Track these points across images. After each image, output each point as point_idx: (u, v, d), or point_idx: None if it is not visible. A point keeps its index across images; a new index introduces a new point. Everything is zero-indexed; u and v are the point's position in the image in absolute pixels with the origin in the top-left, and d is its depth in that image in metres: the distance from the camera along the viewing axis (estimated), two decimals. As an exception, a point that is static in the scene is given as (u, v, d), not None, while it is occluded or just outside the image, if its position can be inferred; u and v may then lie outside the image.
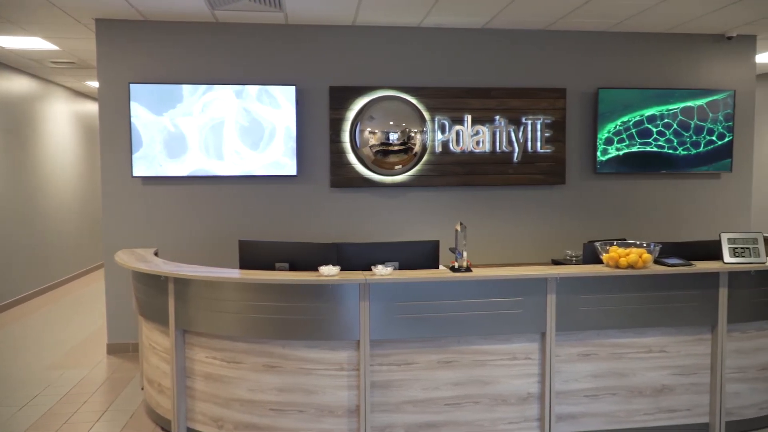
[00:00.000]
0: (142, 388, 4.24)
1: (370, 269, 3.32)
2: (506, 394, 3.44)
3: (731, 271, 3.53)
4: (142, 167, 5.21)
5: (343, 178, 5.49)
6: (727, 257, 3.54)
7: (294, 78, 5.42)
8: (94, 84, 8.27)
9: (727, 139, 5.87)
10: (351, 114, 5.45)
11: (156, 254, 4.24)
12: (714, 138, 5.78)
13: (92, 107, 9.95)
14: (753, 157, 6.18)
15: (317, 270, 3.26)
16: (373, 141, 5.43)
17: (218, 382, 3.44)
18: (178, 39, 5.30)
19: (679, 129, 5.82)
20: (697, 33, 5.88)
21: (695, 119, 5.82)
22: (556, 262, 5.35)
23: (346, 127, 5.45)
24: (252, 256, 3.60)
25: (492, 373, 3.42)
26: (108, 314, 5.39)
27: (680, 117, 5.81)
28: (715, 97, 5.84)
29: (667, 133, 5.79)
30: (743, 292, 3.56)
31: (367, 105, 5.44)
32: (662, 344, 3.57)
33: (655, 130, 5.73)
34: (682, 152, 5.82)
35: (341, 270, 3.34)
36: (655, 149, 5.78)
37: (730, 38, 5.93)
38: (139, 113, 5.17)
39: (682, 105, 5.81)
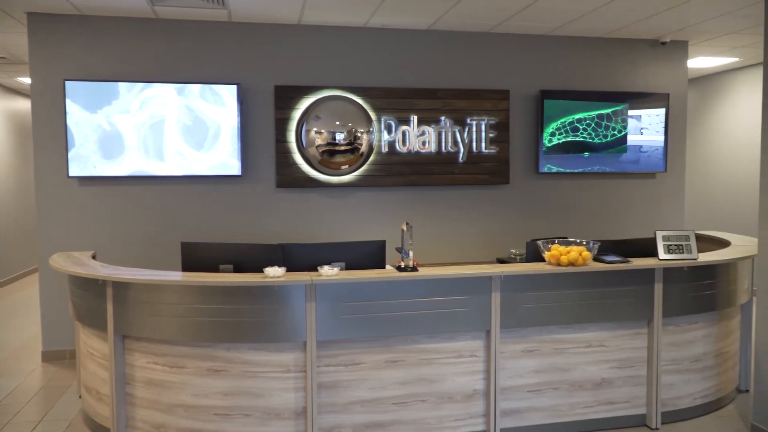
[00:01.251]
0: (80, 397, 4.08)
1: (317, 270, 3.29)
2: (452, 392, 3.48)
3: (666, 268, 3.67)
4: (75, 168, 5.02)
5: (289, 178, 5.43)
6: (661, 254, 3.67)
7: (238, 76, 5.33)
8: (27, 80, 7.92)
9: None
10: (297, 114, 5.40)
11: (94, 257, 4.10)
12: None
13: (25, 104, 9.53)
14: (686, 158, 6.45)
15: (262, 271, 3.21)
16: (319, 141, 5.40)
17: (160, 388, 3.35)
18: (116, 35, 5.13)
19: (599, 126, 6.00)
20: (634, 38, 6.09)
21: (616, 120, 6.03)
22: (501, 261, 5.44)
23: (292, 126, 5.40)
24: (195, 258, 3.52)
25: (438, 372, 3.46)
26: (43, 320, 5.17)
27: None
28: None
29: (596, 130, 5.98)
30: (677, 287, 3.71)
31: (313, 105, 5.40)
32: (601, 339, 3.68)
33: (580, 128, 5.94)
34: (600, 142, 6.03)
35: (287, 271, 3.30)
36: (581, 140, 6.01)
37: (664, 43, 6.17)
38: (72, 110, 4.98)
39: (609, 110, 6.01)
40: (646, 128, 6.11)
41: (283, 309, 3.22)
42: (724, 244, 4.49)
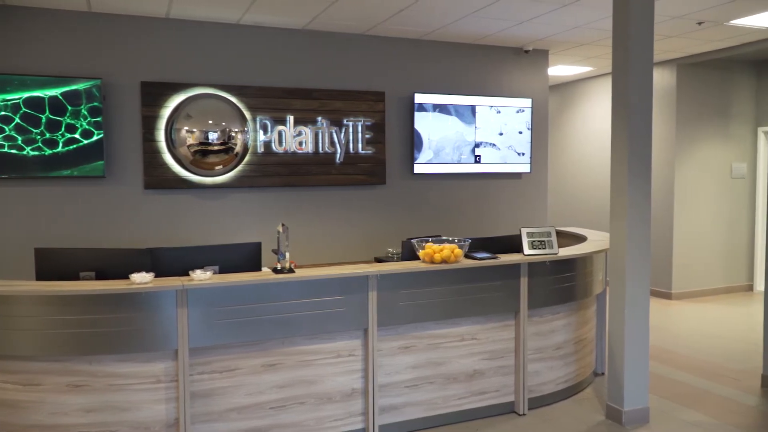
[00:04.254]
0: None
1: (188, 274, 3.16)
2: (331, 392, 3.48)
3: (530, 262, 3.89)
4: None
5: (158, 179, 5.17)
6: (526, 250, 3.90)
7: (100, 71, 5.00)
8: None
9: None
10: (166, 112, 5.16)
11: (-70, 268, 3.67)
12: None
13: None
14: (548, 159, 6.90)
15: (128, 278, 3.03)
16: (191, 140, 5.19)
17: (12, 409, 3.05)
18: (-44, 21, 4.63)
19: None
20: (501, 45, 6.42)
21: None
22: (378, 260, 5.52)
23: (161, 125, 5.15)
24: (51, 265, 3.25)
25: (317, 373, 3.44)
26: None
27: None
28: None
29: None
30: (540, 280, 3.95)
31: (183, 102, 5.18)
32: (473, 332, 3.84)
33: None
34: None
35: (156, 276, 3.14)
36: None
37: (527, 51, 6.56)
38: None
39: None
40: (512, 131, 6.45)
41: (152, 317, 3.06)
42: (581, 239, 4.85)
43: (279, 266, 3.36)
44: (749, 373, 4.69)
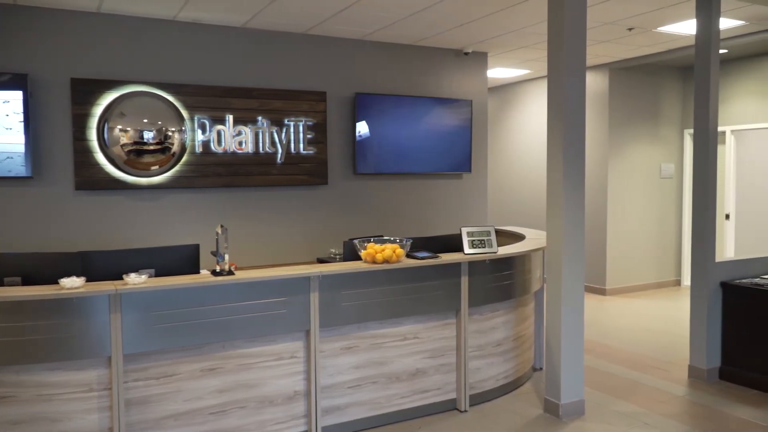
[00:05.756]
0: None
1: (122, 278, 3.06)
2: (273, 395, 3.44)
3: (470, 261, 3.95)
4: None
5: (90, 179, 4.98)
6: (466, 249, 3.95)
7: (26, 66, 4.77)
8: None
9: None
10: (98, 110, 4.97)
11: None
12: None
13: None
14: (488, 159, 7.02)
15: (58, 283, 2.90)
16: (125, 140, 5.01)
17: (-70, 424, 2.88)
18: None
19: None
20: (441, 47, 6.50)
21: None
22: (321, 261, 5.49)
23: (93, 123, 4.96)
24: (-27, 271, 3.08)
25: (258, 376, 3.39)
26: None
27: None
28: None
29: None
30: (480, 278, 4.01)
31: (116, 100, 5.01)
32: (415, 331, 3.86)
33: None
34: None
35: (87, 281, 3.02)
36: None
37: (467, 54, 6.66)
38: None
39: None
40: (455, 130, 6.54)
41: (83, 323, 2.94)
42: (519, 237, 4.96)
43: (218, 268, 3.29)
44: (677, 365, 4.90)
